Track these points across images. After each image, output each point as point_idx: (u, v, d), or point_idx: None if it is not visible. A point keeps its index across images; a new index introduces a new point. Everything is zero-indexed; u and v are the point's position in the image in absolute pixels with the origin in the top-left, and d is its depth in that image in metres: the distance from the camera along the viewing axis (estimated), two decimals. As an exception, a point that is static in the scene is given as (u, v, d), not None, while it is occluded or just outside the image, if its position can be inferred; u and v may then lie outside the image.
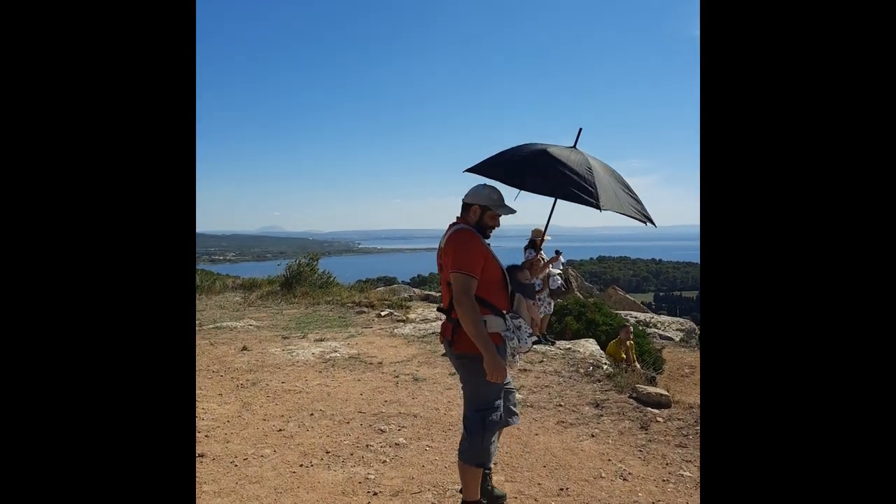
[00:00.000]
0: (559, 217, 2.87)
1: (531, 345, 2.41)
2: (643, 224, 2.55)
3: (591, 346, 6.20)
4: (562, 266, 7.11)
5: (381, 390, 4.53)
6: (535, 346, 5.66)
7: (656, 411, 4.00)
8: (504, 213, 2.39)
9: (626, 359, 6.94)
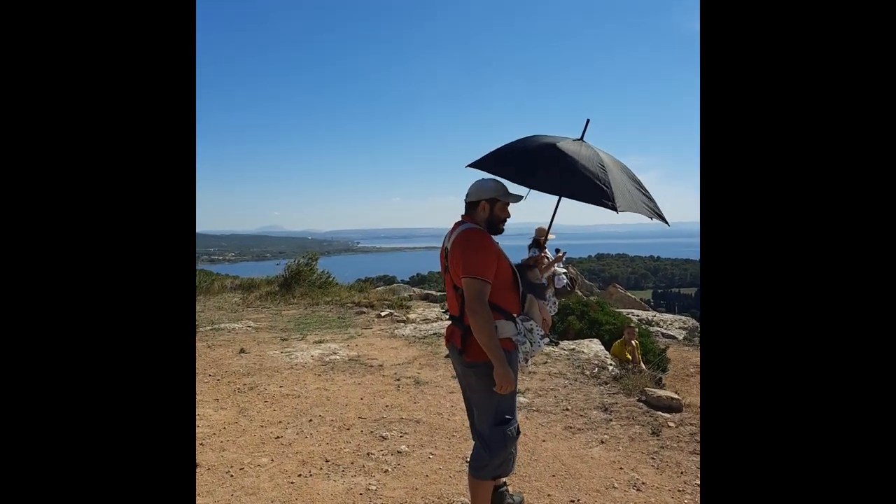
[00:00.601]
0: (558, 214, 2.76)
1: (543, 347, 2.29)
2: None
3: (595, 347, 6.06)
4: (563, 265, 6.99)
5: (382, 394, 4.40)
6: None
7: (667, 415, 3.86)
8: (514, 201, 2.25)
9: (631, 359, 6.81)
